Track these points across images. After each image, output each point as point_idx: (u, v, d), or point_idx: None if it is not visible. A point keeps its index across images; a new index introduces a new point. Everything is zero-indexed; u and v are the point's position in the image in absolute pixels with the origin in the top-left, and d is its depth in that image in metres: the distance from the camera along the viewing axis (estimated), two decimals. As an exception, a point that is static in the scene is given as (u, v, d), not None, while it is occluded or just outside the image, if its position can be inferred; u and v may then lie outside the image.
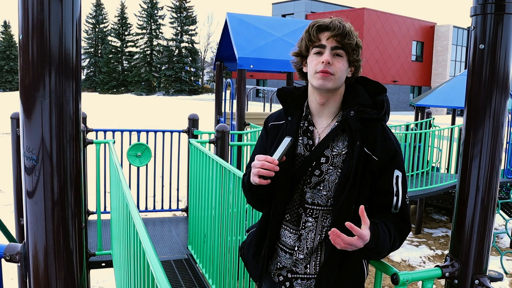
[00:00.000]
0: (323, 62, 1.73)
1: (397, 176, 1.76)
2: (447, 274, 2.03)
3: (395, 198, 1.75)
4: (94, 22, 71.56)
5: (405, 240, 1.73)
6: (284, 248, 1.87)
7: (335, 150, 1.77)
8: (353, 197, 1.71)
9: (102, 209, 5.43)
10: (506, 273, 6.88)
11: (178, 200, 6.58)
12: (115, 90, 69.17)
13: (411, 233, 8.56)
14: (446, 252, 7.09)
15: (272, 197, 1.87)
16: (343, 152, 1.76)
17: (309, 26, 1.78)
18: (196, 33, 69.90)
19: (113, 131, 5.93)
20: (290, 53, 1.90)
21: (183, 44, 68.37)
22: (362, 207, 1.59)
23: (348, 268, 1.78)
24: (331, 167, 1.76)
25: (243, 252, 2.06)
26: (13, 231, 4.41)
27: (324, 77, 1.73)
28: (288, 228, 1.85)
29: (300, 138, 1.84)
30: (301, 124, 1.86)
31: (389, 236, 1.69)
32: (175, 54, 67.96)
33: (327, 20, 1.76)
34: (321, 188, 1.77)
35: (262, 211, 1.97)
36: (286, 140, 1.70)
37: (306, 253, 1.82)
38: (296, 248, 1.83)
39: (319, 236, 1.80)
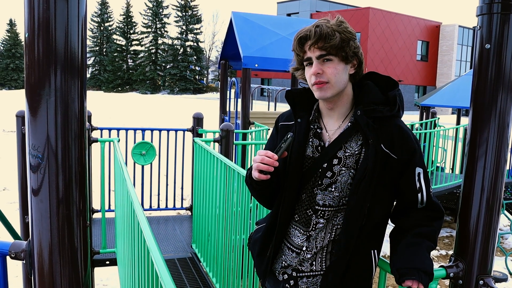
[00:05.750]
0: (313, 74, 1.72)
1: (419, 173, 1.77)
2: (451, 274, 2.03)
3: (419, 195, 1.78)
4: (99, 20, 71.68)
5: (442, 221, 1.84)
6: (291, 247, 1.86)
7: (348, 151, 1.75)
8: (368, 196, 1.70)
9: (106, 207, 5.44)
10: (510, 273, 6.86)
11: (182, 199, 6.58)
12: (120, 89, 69.28)
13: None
14: (451, 252, 7.07)
15: (276, 194, 1.87)
16: (356, 152, 1.74)
17: (293, 40, 1.76)
18: (201, 32, 70.02)
19: (118, 129, 5.95)
20: (290, 69, 1.89)
21: (188, 43, 68.42)
22: None
23: (356, 264, 1.77)
24: (344, 168, 1.74)
25: (250, 245, 2.06)
26: (18, 228, 4.43)
27: (320, 88, 1.72)
28: (297, 228, 1.85)
29: (310, 139, 1.82)
30: (312, 126, 1.84)
31: (422, 239, 1.77)
32: (180, 52, 68.02)
33: (306, 28, 1.73)
34: (333, 189, 1.76)
35: (270, 209, 1.97)
36: (288, 137, 1.70)
37: (314, 252, 1.81)
38: (304, 248, 1.82)
39: (329, 234, 1.80)
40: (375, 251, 1.82)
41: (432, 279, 1.72)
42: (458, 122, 11.27)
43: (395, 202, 1.88)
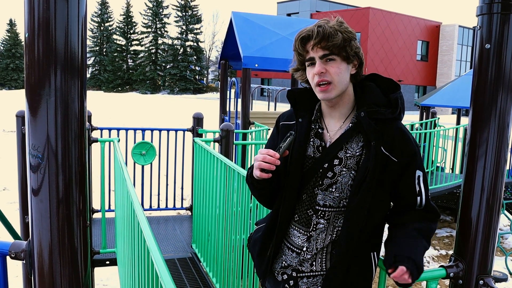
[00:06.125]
0: (316, 74, 1.72)
1: (419, 176, 1.77)
2: (451, 274, 2.03)
3: (418, 198, 1.78)
4: (99, 20, 71.63)
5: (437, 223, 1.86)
6: (291, 247, 1.86)
7: (349, 152, 1.75)
8: (368, 198, 1.70)
9: (106, 207, 5.44)
10: (510, 273, 6.85)
11: (182, 199, 6.58)
12: (120, 89, 69.24)
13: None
14: (451, 252, 7.06)
15: (276, 193, 1.87)
16: (357, 154, 1.74)
17: (294, 41, 1.76)
18: (201, 32, 70.00)
19: (118, 129, 5.95)
20: (290, 70, 1.88)
21: (188, 43, 68.41)
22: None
23: (357, 266, 1.77)
24: (344, 169, 1.74)
25: (250, 246, 2.06)
26: (18, 228, 4.43)
27: (323, 90, 1.72)
28: (297, 228, 1.84)
29: (311, 139, 1.82)
30: (313, 126, 1.84)
31: (421, 236, 1.76)
32: (180, 52, 68.00)
33: (308, 28, 1.72)
34: (334, 190, 1.76)
35: (270, 208, 1.97)
36: (289, 135, 1.71)
37: (314, 253, 1.81)
38: (304, 249, 1.82)
39: (330, 236, 1.79)
40: (375, 252, 1.83)
41: (418, 278, 1.72)
42: (458, 122, 11.27)
43: (392, 204, 1.88)
